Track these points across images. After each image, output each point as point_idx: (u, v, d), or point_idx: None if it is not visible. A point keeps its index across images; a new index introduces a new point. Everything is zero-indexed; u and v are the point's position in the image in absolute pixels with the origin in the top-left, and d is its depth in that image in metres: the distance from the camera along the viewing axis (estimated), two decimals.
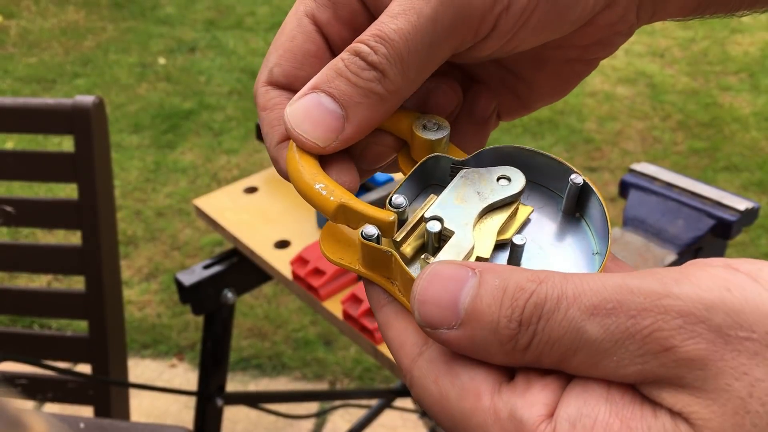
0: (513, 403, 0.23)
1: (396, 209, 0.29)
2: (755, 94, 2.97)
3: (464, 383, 0.24)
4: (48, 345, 1.12)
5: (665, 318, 0.21)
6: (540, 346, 0.23)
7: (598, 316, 0.22)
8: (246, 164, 2.57)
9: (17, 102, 1.00)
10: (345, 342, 1.90)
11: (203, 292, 1.06)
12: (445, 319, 0.24)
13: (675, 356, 0.21)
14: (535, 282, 0.23)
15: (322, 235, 0.30)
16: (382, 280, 0.29)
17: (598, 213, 0.29)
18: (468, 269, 0.24)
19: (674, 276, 0.22)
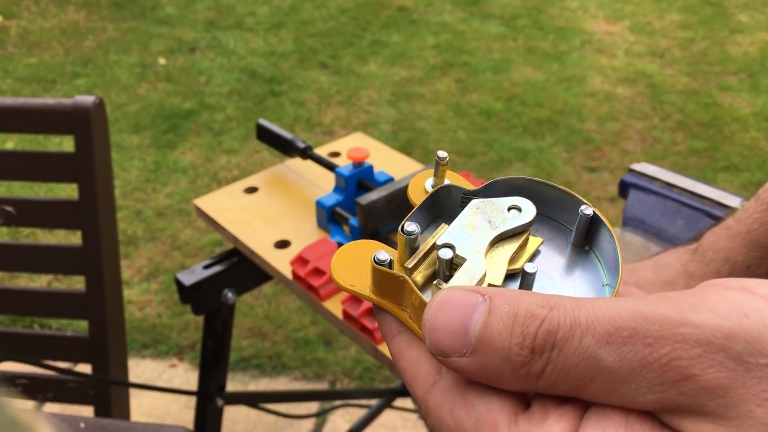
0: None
1: (408, 236, 0.28)
2: (755, 94, 2.97)
3: (480, 414, 0.24)
4: (48, 345, 1.12)
5: (683, 347, 0.21)
6: (555, 374, 0.23)
7: (614, 344, 0.22)
8: (246, 164, 2.57)
9: (17, 102, 1.00)
10: (345, 342, 1.90)
11: (203, 292, 1.06)
12: (457, 347, 0.24)
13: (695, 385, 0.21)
14: (546, 308, 0.23)
15: (334, 262, 0.30)
16: (393, 308, 0.29)
17: (608, 244, 0.29)
18: (478, 295, 0.24)
19: (690, 302, 0.22)
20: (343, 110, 2.90)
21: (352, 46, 3.39)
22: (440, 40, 3.42)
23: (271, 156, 2.58)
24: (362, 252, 0.30)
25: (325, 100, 2.97)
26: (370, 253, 0.29)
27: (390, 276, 0.28)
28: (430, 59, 3.27)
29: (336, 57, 3.31)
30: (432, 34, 3.48)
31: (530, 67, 3.19)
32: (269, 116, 2.84)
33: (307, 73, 3.18)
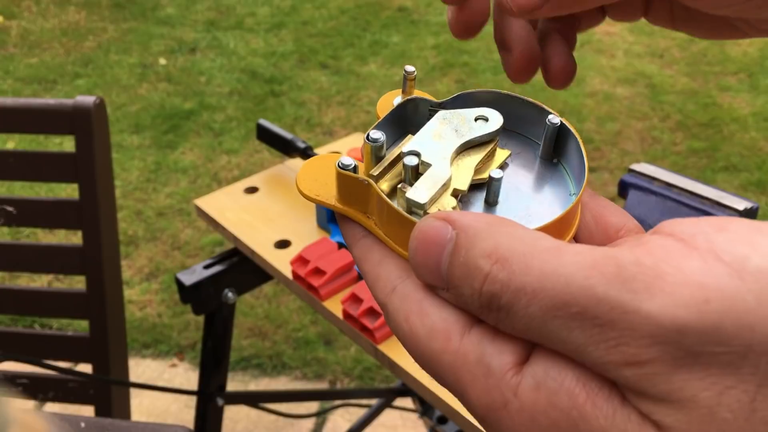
0: (482, 347, 0.23)
1: (373, 143, 0.28)
2: (754, 95, 2.98)
3: (434, 323, 0.24)
4: (49, 344, 1.12)
5: (632, 335, 0.20)
6: (507, 329, 0.23)
7: (561, 318, 0.21)
8: (246, 164, 2.57)
9: (18, 102, 1.00)
10: (345, 341, 1.91)
11: (204, 292, 1.07)
12: (437, 283, 0.24)
13: (639, 371, 0.20)
14: (491, 260, 0.22)
15: (300, 174, 0.30)
16: (358, 215, 0.28)
17: (576, 154, 0.29)
18: (447, 226, 0.24)
19: (647, 282, 0.20)
20: (343, 110, 2.90)
21: (352, 47, 3.39)
22: (440, 40, 3.43)
23: (272, 156, 2.58)
24: (328, 164, 0.30)
25: (325, 100, 2.97)
26: (335, 165, 0.29)
27: (354, 181, 0.28)
28: (430, 59, 3.27)
29: (336, 57, 3.31)
30: (432, 35, 3.48)
31: None
32: (269, 116, 2.84)
33: (307, 73, 3.18)
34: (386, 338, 0.83)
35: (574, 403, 0.21)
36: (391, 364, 0.81)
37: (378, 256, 0.28)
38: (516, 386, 0.22)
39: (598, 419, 0.21)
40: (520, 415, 0.22)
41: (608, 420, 0.21)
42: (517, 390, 0.22)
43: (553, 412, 0.22)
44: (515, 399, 0.22)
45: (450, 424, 1.30)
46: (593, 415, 0.21)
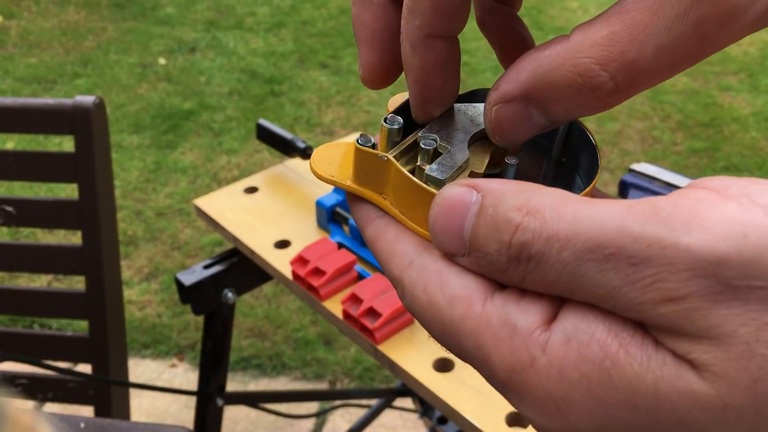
0: (507, 309, 0.23)
1: (390, 125, 0.28)
2: (755, 95, 2.97)
3: (455, 291, 0.24)
4: (48, 345, 1.12)
5: (670, 269, 0.20)
6: (535, 283, 0.22)
7: (595, 261, 0.21)
8: (246, 164, 2.57)
9: (18, 102, 1.00)
10: (345, 342, 1.91)
11: (203, 292, 1.06)
12: (457, 249, 0.24)
13: (677, 307, 0.20)
14: (521, 212, 0.22)
15: (314, 156, 0.30)
16: (373, 195, 0.28)
17: (586, 151, 0.29)
18: (473, 192, 0.24)
19: (684, 219, 0.20)
20: (343, 110, 2.90)
21: (352, 46, 3.39)
22: None
23: (271, 156, 2.58)
24: (343, 148, 0.30)
25: (325, 100, 2.97)
26: (351, 149, 0.29)
27: (373, 157, 0.28)
28: None
29: (336, 57, 3.31)
30: None
31: None
32: (269, 116, 2.84)
33: (307, 73, 3.18)
34: (386, 338, 0.83)
35: (606, 353, 0.21)
36: (391, 364, 0.81)
37: (393, 234, 0.27)
38: (544, 342, 0.22)
39: (632, 366, 0.21)
40: (548, 371, 0.22)
41: (643, 366, 0.21)
42: (546, 346, 0.22)
43: (584, 365, 0.21)
44: (543, 355, 0.22)
45: (450, 425, 1.30)
46: (627, 362, 0.21)
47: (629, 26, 0.23)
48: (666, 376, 0.20)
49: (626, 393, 0.21)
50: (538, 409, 0.22)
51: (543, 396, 0.22)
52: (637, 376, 0.21)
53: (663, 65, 0.24)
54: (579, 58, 0.24)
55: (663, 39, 0.23)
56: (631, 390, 0.21)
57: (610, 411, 0.21)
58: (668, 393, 0.20)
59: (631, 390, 0.21)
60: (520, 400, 0.23)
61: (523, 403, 0.23)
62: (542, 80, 0.25)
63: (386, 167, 0.28)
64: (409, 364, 0.80)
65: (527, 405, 0.23)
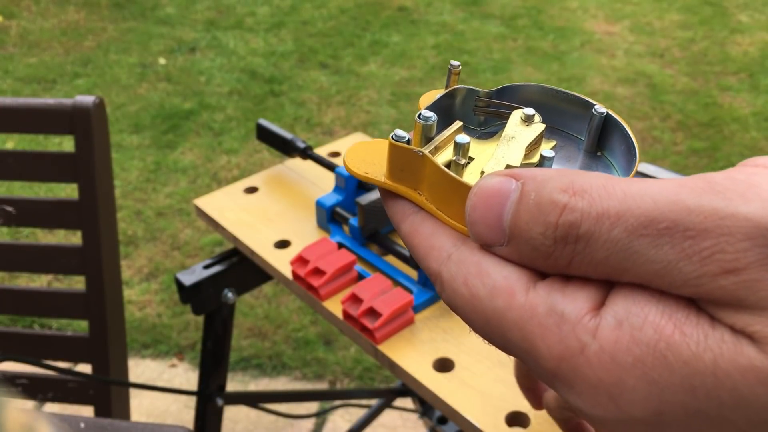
0: (552, 298, 0.22)
1: (424, 121, 0.28)
2: (755, 95, 2.97)
3: (496, 282, 0.23)
4: (48, 345, 1.12)
5: (729, 240, 0.19)
6: (583, 265, 0.22)
7: (648, 236, 0.20)
8: (246, 164, 2.57)
9: (17, 102, 1.00)
10: (345, 342, 1.91)
11: (203, 292, 1.06)
12: (496, 238, 0.23)
13: (737, 278, 0.19)
14: (568, 193, 0.22)
15: (349, 153, 0.30)
16: (408, 191, 0.28)
17: (622, 144, 0.29)
18: (512, 180, 0.23)
19: (740, 190, 0.20)
20: (343, 110, 2.90)
21: (352, 46, 3.39)
22: (440, 40, 3.42)
23: (271, 156, 2.58)
24: (377, 146, 0.30)
25: (325, 100, 2.97)
26: (385, 146, 0.29)
27: (408, 152, 0.28)
28: (430, 59, 3.27)
29: (336, 57, 3.31)
30: (432, 34, 3.48)
31: (530, 67, 3.19)
32: (269, 116, 2.84)
33: (307, 73, 3.18)
34: (386, 338, 0.83)
35: (660, 335, 0.20)
36: (391, 364, 0.81)
37: (430, 229, 0.27)
38: (595, 328, 0.21)
39: (689, 346, 0.20)
40: (600, 357, 0.21)
41: (700, 345, 0.20)
42: (597, 331, 0.21)
43: (638, 349, 0.21)
44: (594, 341, 0.21)
45: (450, 425, 1.30)
46: (683, 343, 0.20)
47: None
48: (725, 353, 0.20)
49: (683, 375, 0.20)
50: (589, 398, 0.22)
51: (594, 383, 0.21)
52: (695, 355, 0.20)
53: None
54: None
55: None
56: (689, 371, 0.20)
57: (666, 396, 0.21)
58: (728, 371, 0.20)
59: (688, 371, 0.20)
60: (570, 389, 0.22)
61: (573, 392, 0.22)
62: None
63: (422, 163, 0.27)
64: (409, 364, 0.79)
65: (577, 394, 0.22)
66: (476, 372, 0.78)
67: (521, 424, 0.73)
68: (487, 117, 0.32)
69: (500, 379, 0.76)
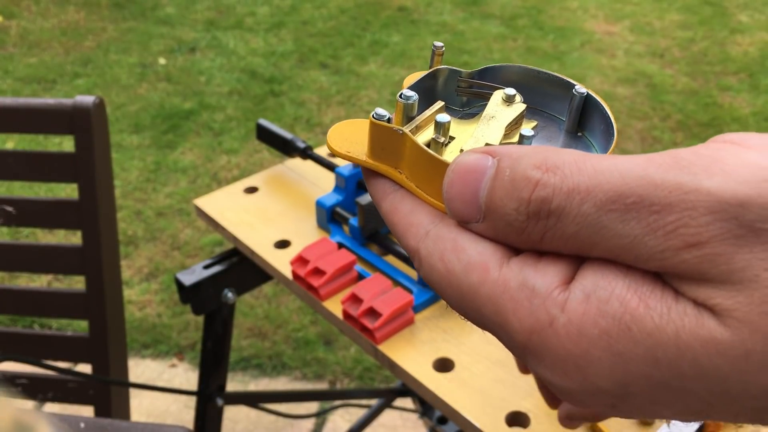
0: (524, 273, 0.23)
1: (405, 101, 0.28)
2: (755, 95, 2.97)
3: (471, 257, 0.24)
4: (48, 345, 1.12)
5: (692, 214, 0.20)
6: (555, 240, 0.22)
7: (616, 211, 0.21)
8: (246, 164, 2.57)
9: (17, 102, 1.00)
10: (345, 342, 1.91)
11: (203, 292, 1.06)
12: (472, 214, 0.24)
13: (699, 252, 0.20)
14: (541, 169, 0.22)
15: (331, 132, 0.30)
16: (389, 170, 0.29)
17: (602, 124, 0.29)
18: (488, 157, 0.24)
19: (705, 164, 0.20)
20: (343, 110, 2.90)
21: (352, 46, 3.39)
22: (440, 40, 3.42)
23: (271, 156, 2.58)
24: (359, 125, 0.31)
25: (325, 100, 2.97)
26: (367, 125, 0.29)
27: (388, 131, 0.28)
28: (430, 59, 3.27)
29: (336, 57, 3.31)
30: (432, 34, 3.48)
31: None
32: (269, 116, 2.84)
33: (307, 73, 3.18)
34: (386, 338, 0.83)
35: (626, 308, 0.21)
36: (391, 364, 0.81)
37: (409, 207, 0.27)
38: (563, 302, 0.22)
39: (653, 319, 0.21)
40: (567, 329, 0.22)
41: (663, 317, 0.20)
42: (565, 305, 0.22)
43: (604, 321, 0.21)
44: (562, 314, 0.22)
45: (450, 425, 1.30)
46: (647, 315, 0.21)
47: None
48: (687, 325, 0.20)
49: (647, 346, 0.21)
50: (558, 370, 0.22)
51: (563, 355, 0.22)
52: (658, 327, 0.20)
53: None
54: None
55: None
56: (652, 343, 0.21)
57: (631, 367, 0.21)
58: (689, 342, 0.20)
59: (651, 343, 0.21)
60: (539, 362, 0.23)
61: (542, 364, 0.23)
62: None
63: (402, 141, 0.28)
64: (409, 364, 0.80)
65: (546, 366, 0.23)
66: (476, 372, 0.78)
67: (521, 424, 0.73)
68: (470, 98, 0.32)
69: (500, 379, 0.76)
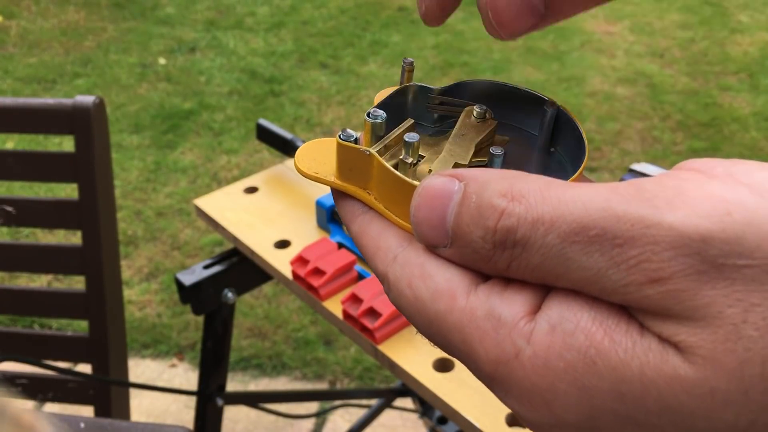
0: (491, 301, 0.22)
1: (373, 120, 0.28)
2: (755, 95, 2.97)
3: (438, 285, 0.24)
4: (48, 345, 1.12)
5: (654, 249, 0.19)
6: (520, 269, 0.22)
7: (579, 243, 0.20)
8: (246, 164, 2.57)
9: (17, 102, 1.00)
10: (345, 342, 1.91)
11: (203, 292, 1.06)
12: (439, 239, 0.24)
13: (662, 288, 0.20)
14: (506, 198, 0.22)
15: (298, 153, 0.30)
16: (357, 191, 0.28)
17: (573, 140, 0.29)
18: (455, 181, 0.23)
19: (668, 197, 0.20)
20: (343, 110, 2.90)
21: (352, 46, 3.39)
22: (440, 40, 3.42)
23: (271, 156, 2.58)
24: (327, 145, 0.30)
25: (325, 100, 2.97)
26: (335, 146, 0.29)
27: (356, 152, 0.28)
28: (430, 59, 3.27)
29: (336, 57, 3.31)
30: (432, 34, 3.48)
31: (530, 67, 3.19)
32: (269, 116, 2.84)
33: (307, 73, 3.18)
34: (386, 338, 0.83)
35: (591, 342, 0.21)
36: (391, 364, 0.81)
37: (377, 229, 0.27)
38: (529, 333, 0.22)
39: (618, 353, 0.20)
40: (533, 362, 0.21)
41: (628, 352, 0.20)
42: (531, 336, 0.21)
43: (569, 354, 0.21)
44: (528, 346, 0.21)
45: (450, 425, 1.30)
46: (612, 350, 0.20)
47: None
48: (651, 361, 0.20)
49: (612, 381, 0.20)
50: (524, 402, 0.22)
51: (528, 388, 0.22)
52: (622, 362, 0.20)
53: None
54: None
55: None
56: (617, 377, 0.20)
57: (597, 401, 0.21)
58: (654, 378, 0.20)
59: (616, 378, 0.20)
60: (506, 393, 0.23)
61: (509, 396, 0.23)
62: None
63: (369, 162, 0.27)
64: (409, 364, 0.80)
65: (513, 398, 0.22)
66: None
67: (521, 425, 0.73)
68: (441, 114, 0.32)
69: None
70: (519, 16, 0.26)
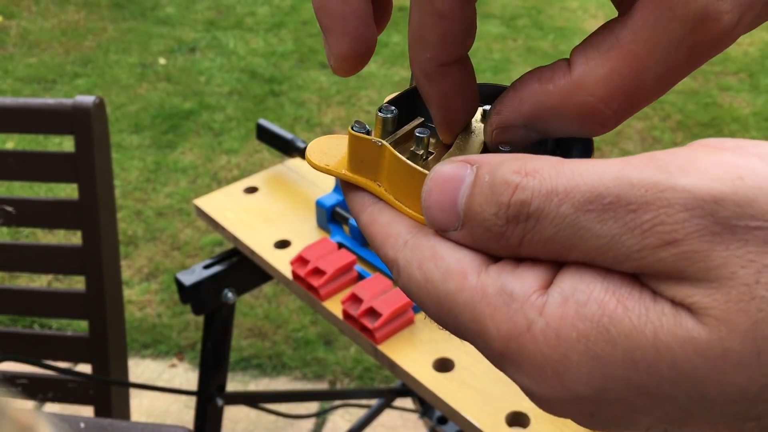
0: (502, 279, 0.23)
1: (385, 115, 0.28)
2: (755, 95, 2.98)
3: (449, 265, 0.24)
4: (48, 345, 1.12)
5: (668, 212, 0.20)
6: (533, 243, 0.22)
7: (594, 211, 0.21)
8: (246, 164, 2.57)
9: (17, 102, 1.00)
10: (345, 342, 1.91)
11: (203, 292, 1.06)
12: (450, 222, 0.24)
13: (676, 250, 0.20)
14: (520, 174, 0.22)
15: (310, 147, 0.30)
16: (368, 183, 0.29)
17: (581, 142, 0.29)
18: (466, 165, 0.24)
19: (680, 163, 0.20)
20: (343, 110, 2.90)
21: None
22: None
23: (271, 156, 2.58)
24: (337, 141, 0.31)
25: (325, 100, 2.97)
26: (345, 141, 0.29)
27: (367, 143, 0.28)
28: None
29: None
30: None
31: (530, 67, 3.18)
32: (269, 116, 2.84)
33: (307, 73, 3.18)
34: (386, 338, 0.83)
35: (604, 311, 0.21)
36: (391, 364, 0.81)
37: (387, 218, 0.27)
38: (542, 305, 0.22)
39: (631, 320, 0.21)
40: (545, 333, 0.21)
41: (641, 318, 0.20)
42: (543, 309, 0.22)
43: (582, 324, 0.21)
44: (540, 318, 0.22)
45: (450, 425, 1.30)
46: (625, 317, 0.21)
47: (629, 61, 0.24)
48: (665, 325, 0.20)
49: (625, 348, 0.21)
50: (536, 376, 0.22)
51: (540, 360, 0.22)
52: (636, 328, 0.20)
53: (659, 90, 0.25)
54: (584, 97, 0.25)
55: (661, 69, 0.24)
56: (630, 345, 0.20)
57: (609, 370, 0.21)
58: (668, 342, 0.20)
59: (630, 345, 0.20)
60: (517, 369, 0.23)
61: (520, 371, 0.23)
62: (545, 114, 0.26)
63: (381, 153, 0.28)
64: (409, 364, 0.80)
65: (524, 373, 0.22)
66: (476, 372, 0.78)
67: (521, 424, 0.73)
68: None
69: (500, 379, 0.76)
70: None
